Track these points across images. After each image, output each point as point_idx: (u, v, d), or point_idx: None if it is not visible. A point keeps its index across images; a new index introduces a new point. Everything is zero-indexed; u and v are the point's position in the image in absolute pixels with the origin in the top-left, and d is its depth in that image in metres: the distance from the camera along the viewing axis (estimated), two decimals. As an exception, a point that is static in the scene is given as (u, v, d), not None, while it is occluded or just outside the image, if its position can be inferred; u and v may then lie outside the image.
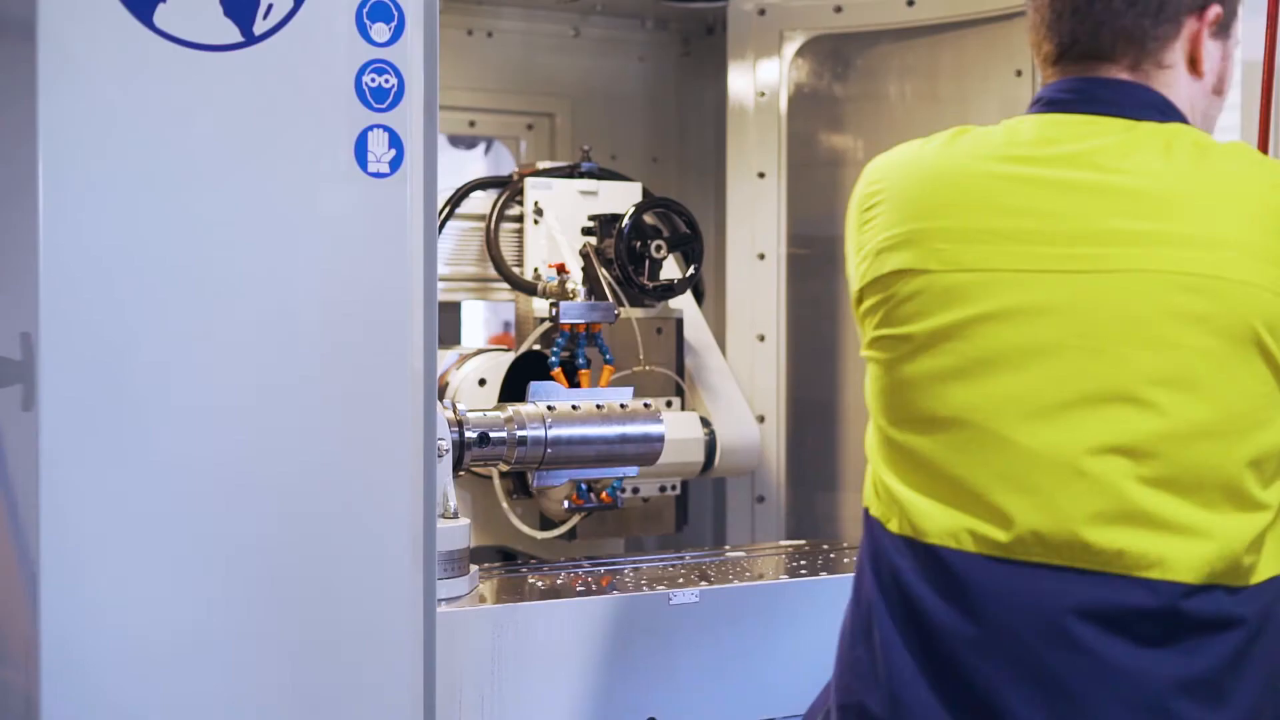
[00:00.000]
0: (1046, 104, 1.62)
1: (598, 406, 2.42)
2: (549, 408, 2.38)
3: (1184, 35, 1.60)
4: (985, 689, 1.50)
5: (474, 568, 2.25)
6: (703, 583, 2.31)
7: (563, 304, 2.55)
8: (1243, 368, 1.48)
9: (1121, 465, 1.47)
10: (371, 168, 1.83)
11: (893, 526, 1.59)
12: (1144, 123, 1.57)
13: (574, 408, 2.40)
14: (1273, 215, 1.50)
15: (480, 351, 2.80)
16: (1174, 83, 1.61)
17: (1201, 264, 1.47)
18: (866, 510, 1.65)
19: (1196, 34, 1.60)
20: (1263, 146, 2.59)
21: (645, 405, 2.46)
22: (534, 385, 2.41)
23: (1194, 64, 1.61)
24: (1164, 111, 1.59)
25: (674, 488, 2.81)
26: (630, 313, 2.70)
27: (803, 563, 2.54)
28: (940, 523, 1.55)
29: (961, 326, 1.54)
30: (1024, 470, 1.50)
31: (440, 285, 2.00)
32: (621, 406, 2.44)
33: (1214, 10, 1.61)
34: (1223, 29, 1.63)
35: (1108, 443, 1.48)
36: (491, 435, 2.32)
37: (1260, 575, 1.50)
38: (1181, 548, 1.46)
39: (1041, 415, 1.50)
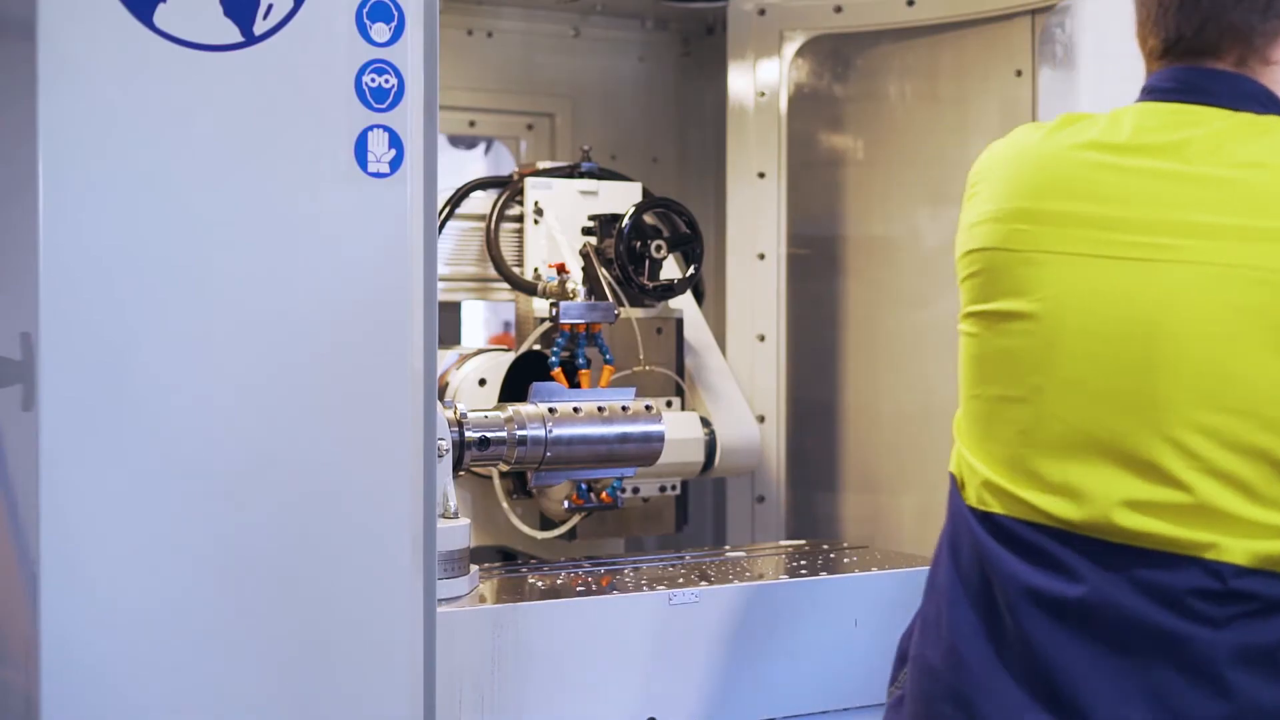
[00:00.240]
0: (1148, 92, 1.66)
1: (599, 408, 2.42)
2: (550, 409, 2.38)
3: None
4: (1041, 647, 1.55)
5: (474, 568, 2.25)
6: (703, 583, 2.31)
7: (563, 304, 2.55)
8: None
9: (1174, 455, 1.50)
10: (371, 168, 1.83)
11: (968, 496, 1.66)
12: (1241, 113, 1.58)
13: (575, 410, 2.40)
14: None
15: (480, 351, 2.80)
16: (1276, 79, 1.62)
17: (1276, 258, 1.49)
18: (951, 476, 1.73)
19: None
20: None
21: (646, 406, 2.46)
22: (536, 386, 2.41)
23: None
24: (1264, 103, 1.60)
25: (674, 488, 2.81)
26: (630, 313, 2.70)
27: (803, 563, 2.54)
28: (1010, 496, 1.61)
29: (1031, 306, 1.59)
30: (1073, 450, 1.55)
31: (440, 285, 2.00)
32: (624, 409, 2.44)
33: None
34: None
35: (1164, 432, 1.50)
36: (491, 435, 2.32)
37: None
38: (1234, 536, 1.49)
39: (1104, 401, 1.54)
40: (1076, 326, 1.56)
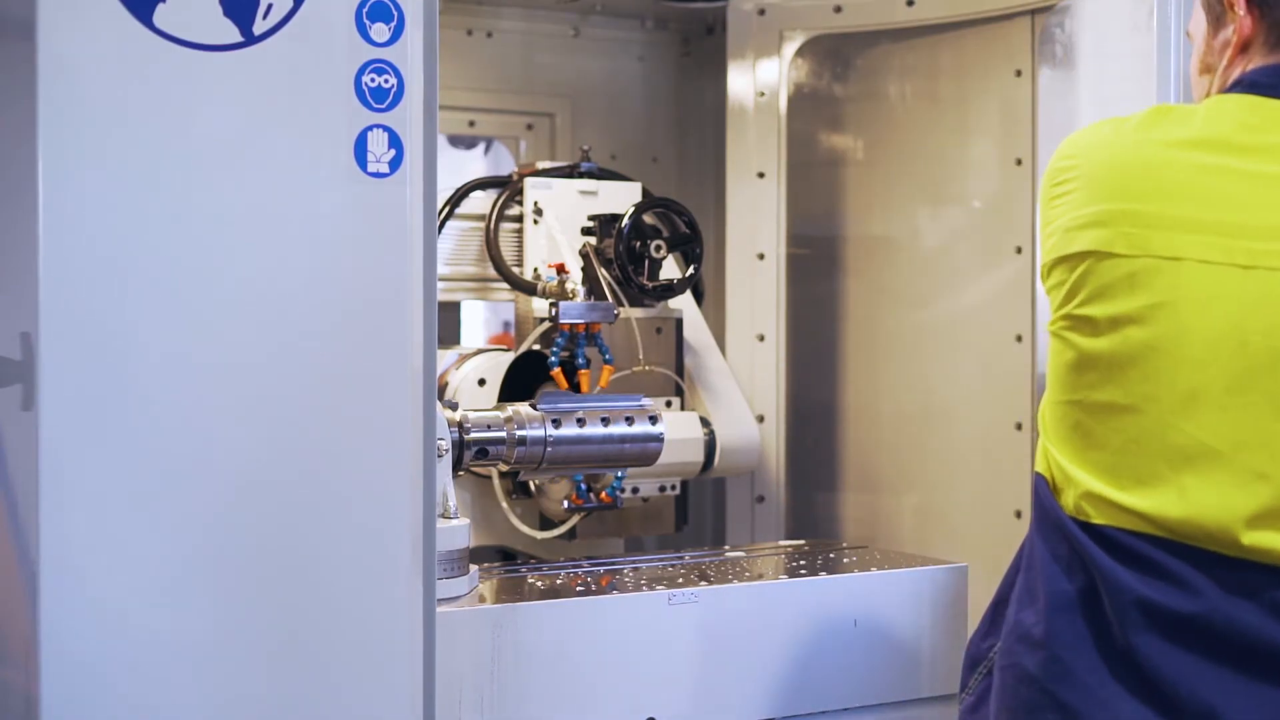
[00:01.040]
0: (1249, 85, 1.60)
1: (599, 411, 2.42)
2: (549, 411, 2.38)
3: None
4: (1154, 659, 1.52)
5: (474, 568, 2.25)
6: (703, 583, 2.31)
7: (562, 304, 2.55)
8: None
9: None
10: (371, 168, 1.83)
11: (1065, 502, 1.61)
12: None
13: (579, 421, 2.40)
14: None
15: (480, 351, 2.80)
16: None
17: None
18: (1039, 478, 1.67)
19: None
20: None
21: (644, 406, 2.46)
22: (544, 395, 2.40)
23: None
24: None
25: (674, 488, 2.81)
26: (630, 313, 2.71)
27: (802, 563, 2.54)
28: (1116, 506, 1.57)
29: (1142, 312, 1.54)
30: (1190, 461, 1.52)
31: (440, 285, 2.00)
32: (623, 410, 2.43)
33: None
34: None
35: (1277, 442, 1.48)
36: (491, 435, 2.32)
37: None
38: None
39: (1213, 409, 1.50)
40: (1197, 335, 1.51)
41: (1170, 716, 1.52)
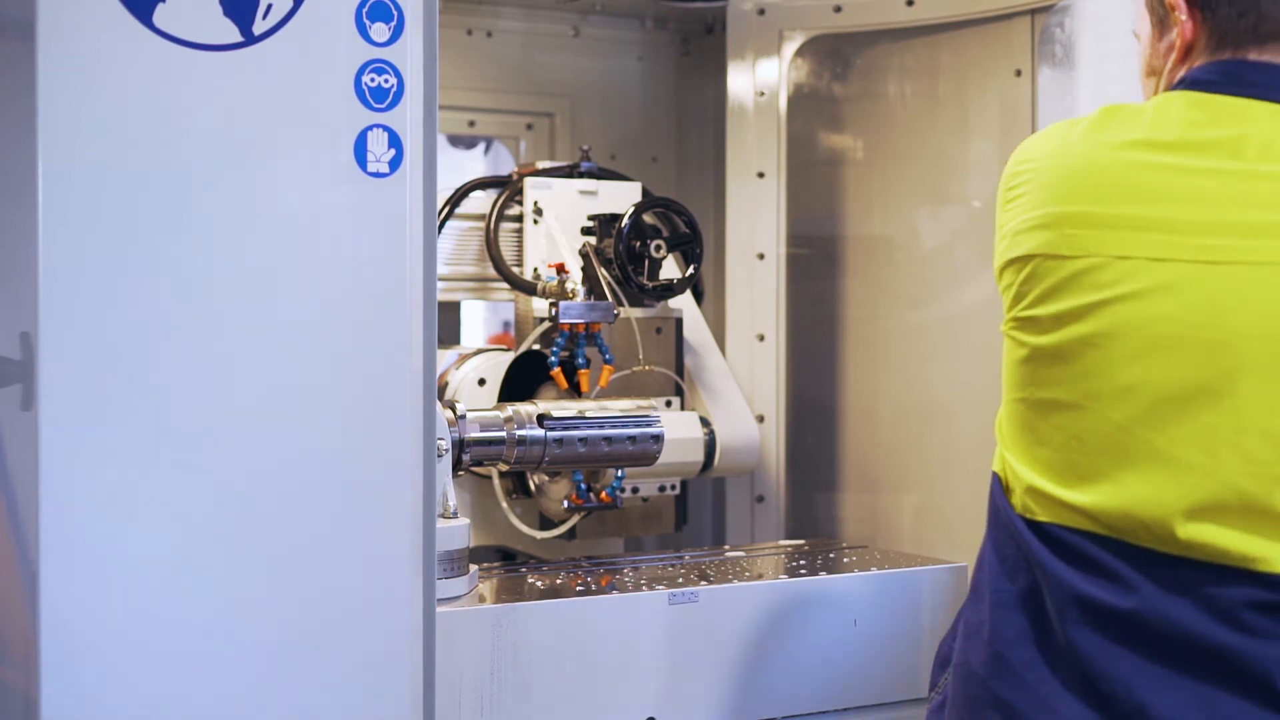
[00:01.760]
0: (1191, 83, 1.61)
1: (599, 410, 2.42)
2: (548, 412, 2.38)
3: None
4: (1092, 656, 1.53)
5: (474, 568, 2.25)
6: (702, 583, 2.31)
7: (562, 304, 2.55)
8: None
9: (1239, 460, 1.48)
10: (371, 167, 1.83)
11: (1014, 501, 1.63)
12: None
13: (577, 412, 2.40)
14: None
15: (480, 351, 2.80)
16: None
17: None
18: (995, 477, 1.69)
19: None
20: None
21: (644, 406, 2.46)
22: (549, 421, 2.38)
23: None
24: None
25: (674, 487, 2.81)
26: (630, 313, 2.71)
27: (802, 563, 2.54)
28: (1058, 503, 1.58)
29: (1085, 310, 1.55)
30: (1129, 456, 1.52)
31: (440, 285, 2.00)
32: (623, 410, 2.43)
33: None
34: None
35: (1231, 438, 1.48)
36: (490, 435, 2.32)
37: None
38: None
39: (1152, 405, 1.51)
40: (1137, 330, 1.52)
41: (1105, 713, 1.53)
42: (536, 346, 2.66)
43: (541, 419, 2.35)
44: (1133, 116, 1.62)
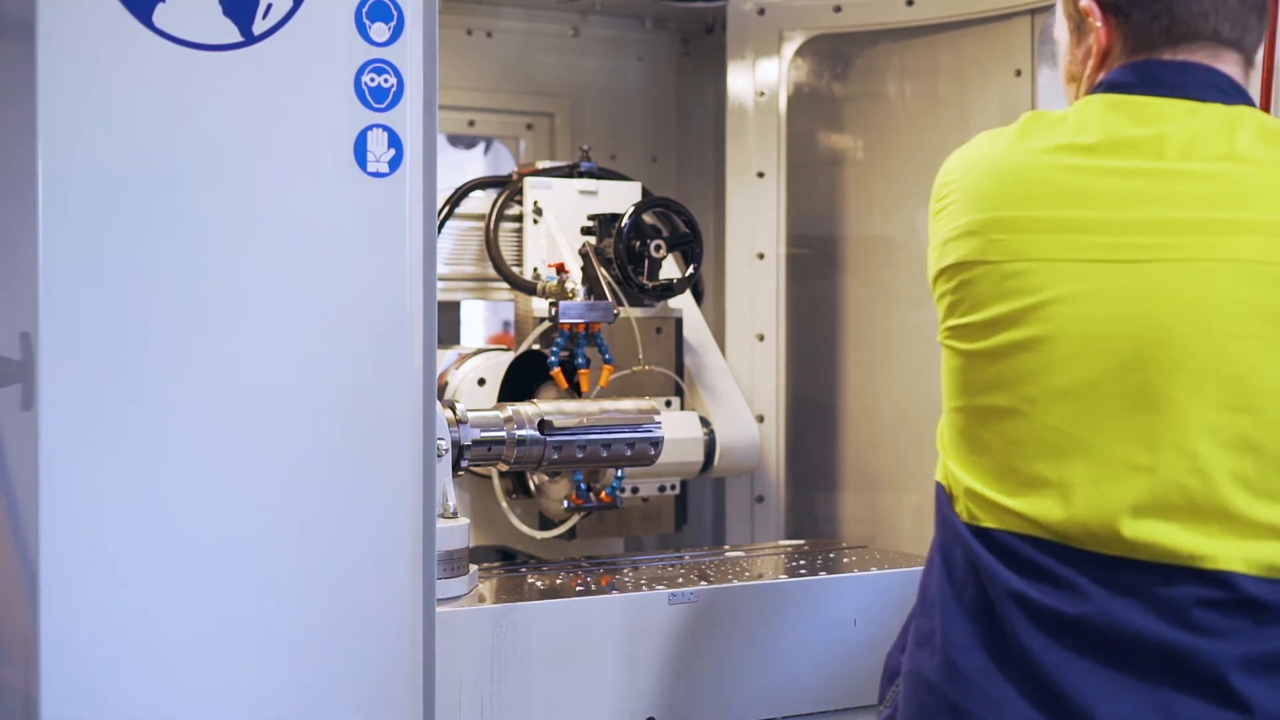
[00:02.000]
0: (1109, 86, 1.63)
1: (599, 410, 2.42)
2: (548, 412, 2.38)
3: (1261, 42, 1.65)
4: (1043, 661, 1.53)
5: (473, 567, 2.25)
6: (702, 583, 2.31)
7: (562, 304, 2.55)
8: None
9: (1179, 457, 1.48)
10: (371, 167, 1.83)
11: (959, 509, 1.63)
12: (1209, 105, 1.57)
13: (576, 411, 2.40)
14: None
15: (479, 351, 2.80)
16: (1245, 78, 1.63)
17: (1273, 252, 1.48)
18: (938, 486, 1.69)
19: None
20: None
21: (644, 406, 2.46)
22: (550, 430, 2.39)
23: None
24: (1227, 92, 1.59)
25: (673, 487, 2.81)
26: (629, 312, 2.70)
27: (802, 563, 2.54)
28: (1002, 509, 1.58)
29: (1017, 315, 1.56)
30: (1068, 458, 1.53)
31: (440, 285, 2.00)
32: (623, 410, 2.43)
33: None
34: None
35: (1170, 435, 1.48)
36: (490, 435, 2.32)
37: None
38: (1238, 539, 1.48)
39: (1088, 404, 1.51)
40: (1070, 332, 1.53)
41: (1057, 718, 1.53)
42: (536, 346, 2.66)
43: (543, 425, 2.35)
44: (1056, 123, 1.63)
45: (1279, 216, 1.50)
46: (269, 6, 1.77)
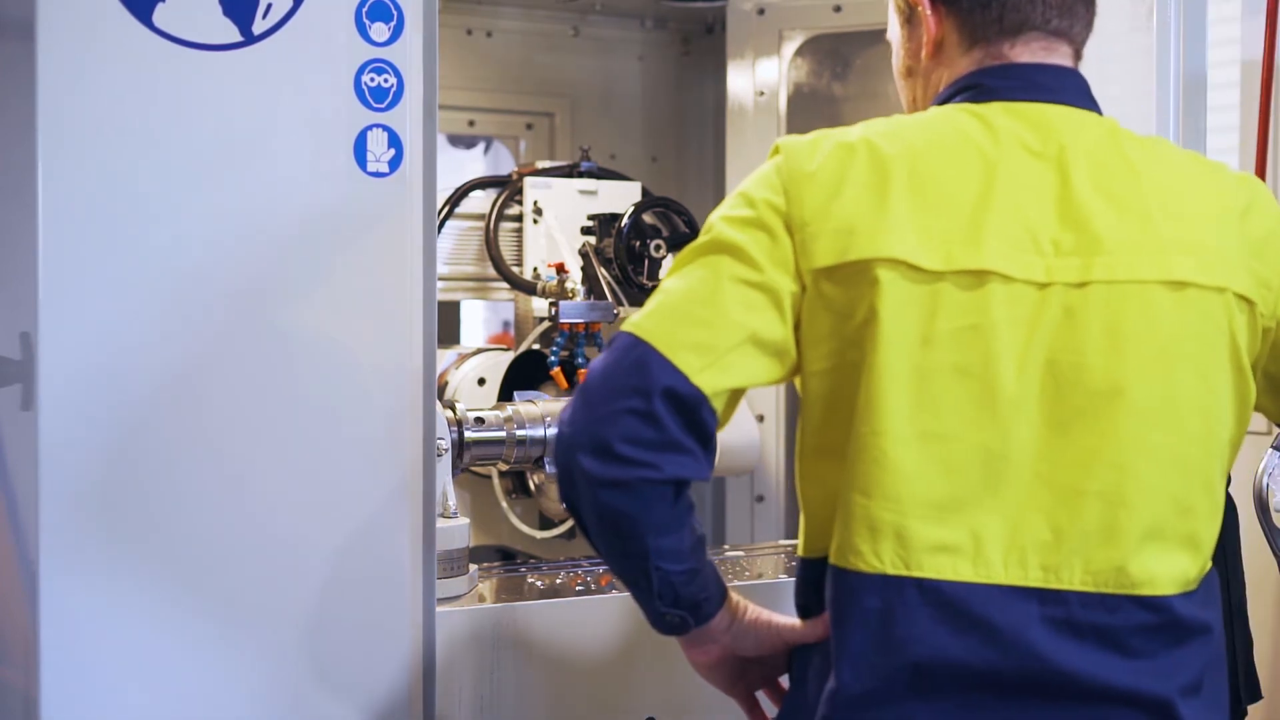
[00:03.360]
0: (983, 91, 1.55)
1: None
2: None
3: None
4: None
5: (473, 567, 2.25)
6: (702, 582, 2.30)
7: (562, 303, 2.55)
8: (1219, 375, 1.47)
9: (1106, 481, 1.44)
10: (371, 167, 1.83)
11: (869, 557, 1.49)
12: (1085, 112, 1.54)
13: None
14: (1232, 215, 1.51)
15: (479, 351, 2.80)
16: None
17: (1180, 269, 1.45)
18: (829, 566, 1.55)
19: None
20: (1262, 146, 2.60)
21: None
22: (519, 395, 2.40)
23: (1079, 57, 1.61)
24: (1093, 99, 1.57)
25: (673, 487, 2.80)
26: (629, 312, 2.70)
27: (802, 562, 2.54)
28: (923, 547, 1.47)
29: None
30: (1014, 486, 1.45)
31: (439, 285, 2.00)
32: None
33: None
34: None
35: (1105, 459, 1.44)
36: (490, 435, 2.32)
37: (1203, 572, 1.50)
38: (1171, 563, 1.45)
39: (1037, 430, 1.44)
40: (1009, 358, 1.44)
41: None
42: (536, 346, 2.66)
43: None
44: (929, 124, 1.54)
45: (1181, 233, 1.46)
46: (269, 6, 1.77)
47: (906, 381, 1.43)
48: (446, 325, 3.14)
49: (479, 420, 2.32)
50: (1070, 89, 1.55)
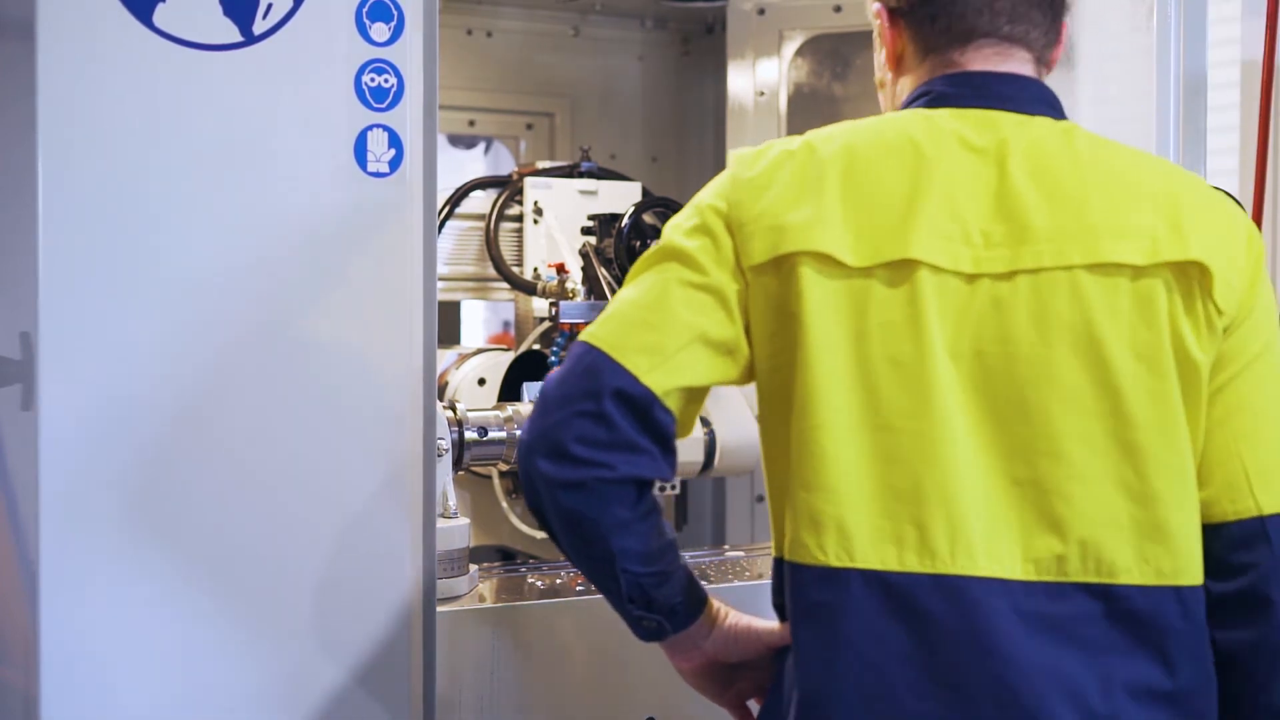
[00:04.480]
0: (937, 98, 1.57)
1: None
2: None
3: (1058, 42, 1.61)
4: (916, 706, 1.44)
5: (473, 568, 2.25)
6: (703, 582, 2.30)
7: (562, 303, 2.55)
8: (1163, 358, 1.44)
9: (1042, 470, 1.43)
10: (371, 167, 1.83)
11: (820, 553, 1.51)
12: (1038, 118, 1.53)
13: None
14: (1175, 207, 1.47)
15: (480, 351, 2.80)
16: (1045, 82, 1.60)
17: (1109, 252, 1.44)
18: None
19: (1059, 43, 1.61)
20: (1262, 146, 2.60)
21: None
22: (529, 386, 2.41)
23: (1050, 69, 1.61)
24: (1055, 107, 1.56)
25: (673, 487, 2.80)
26: (630, 312, 2.70)
27: (802, 562, 2.53)
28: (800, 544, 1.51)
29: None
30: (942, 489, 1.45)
31: (440, 285, 2.00)
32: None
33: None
34: None
35: (1042, 449, 1.43)
36: (490, 435, 2.32)
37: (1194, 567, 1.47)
38: (1133, 552, 1.44)
39: (973, 420, 1.45)
40: (919, 348, 1.45)
41: None
42: (536, 346, 2.66)
43: None
44: (877, 130, 1.55)
45: (1117, 221, 1.45)
46: (269, 6, 1.77)
47: (843, 375, 1.46)
48: (447, 325, 3.14)
49: (479, 421, 2.32)
50: (1027, 98, 1.55)
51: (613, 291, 2.67)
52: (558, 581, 2.34)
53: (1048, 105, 1.56)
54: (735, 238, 1.50)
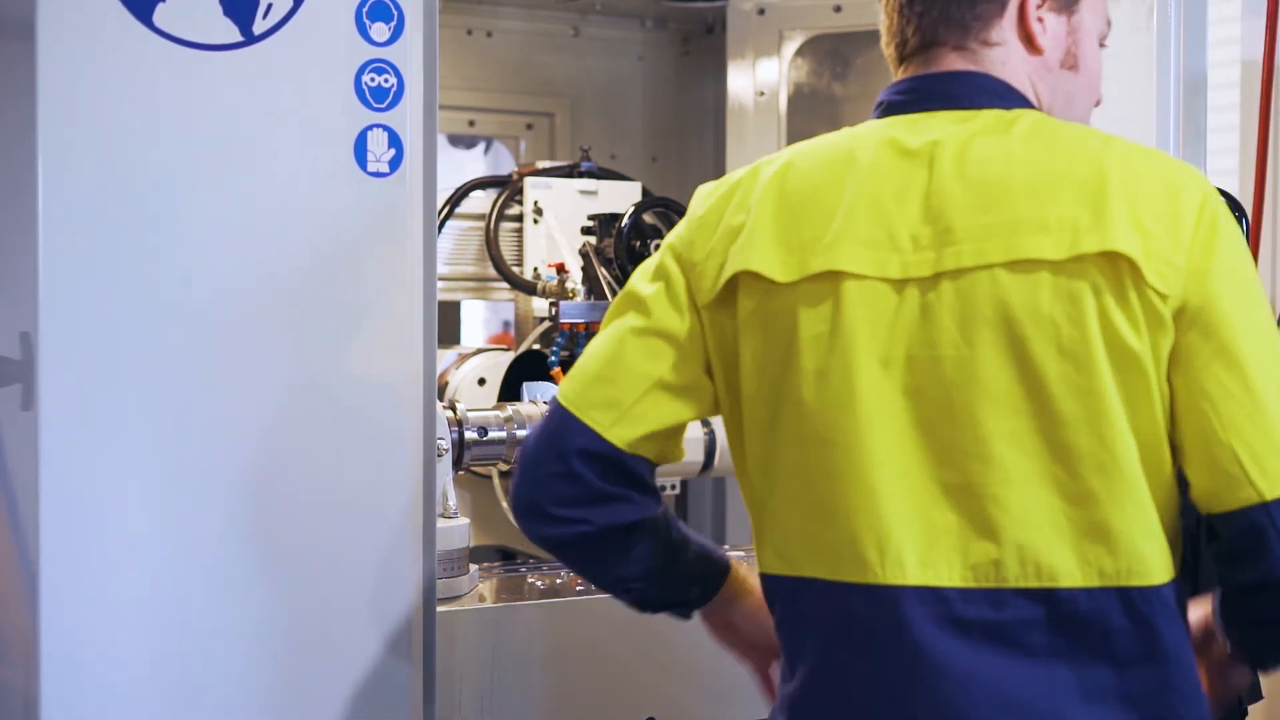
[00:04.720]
0: (886, 108, 1.57)
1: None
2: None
3: (1010, 11, 1.53)
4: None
5: (474, 567, 2.25)
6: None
7: (562, 303, 2.55)
8: (1092, 354, 1.39)
9: (971, 474, 1.41)
10: (371, 167, 1.83)
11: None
12: (984, 111, 1.50)
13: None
14: (1101, 193, 1.41)
15: (480, 351, 2.80)
16: (1007, 60, 1.54)
17: (1028, 248, 1.40)
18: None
19: (1023, 7, 1.53)
20: (1262, 146, 2.60)
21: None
22: (529, 385, 2.42)
23: (1030, 40, 1.54)
24: (1005, 97, 1.52)
25: (674, 487, 2.80)
26: (630, 312, 2.70)
27: (802, 562, 2.53)
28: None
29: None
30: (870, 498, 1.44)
31: (440, 285, 2.00)
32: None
33: None
34: (1066, 2, 1.55)
35: (946, 454, 1.41)
36: (490, 435, 2.32)
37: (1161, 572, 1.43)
38: (1074, 555, 1.40)
39: (903, 429, 1.43)
40: (855, 352, 1.44)
41: None
42: (536, 346, 2.66)
43: None
44: (831, 144, 1.56)
45: (1041, 214, 1.41)
46: (269, 6, 1.77)
47: (771, 393, 1.47)
48: (447, 325, 3.14)
49: (479, 420, 2.32)
50: (970, 92, 1.53)
51: (613, 292, 2.67)
52: (558, 581, 2.34)
53: (995, 96, 1.52)
54: (689, 277, 1.53)
